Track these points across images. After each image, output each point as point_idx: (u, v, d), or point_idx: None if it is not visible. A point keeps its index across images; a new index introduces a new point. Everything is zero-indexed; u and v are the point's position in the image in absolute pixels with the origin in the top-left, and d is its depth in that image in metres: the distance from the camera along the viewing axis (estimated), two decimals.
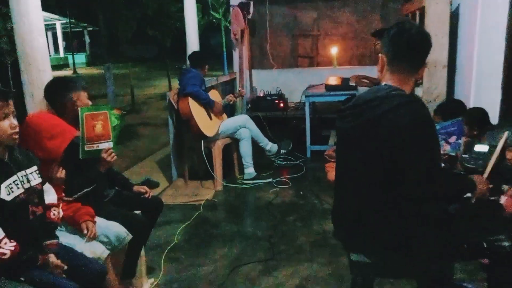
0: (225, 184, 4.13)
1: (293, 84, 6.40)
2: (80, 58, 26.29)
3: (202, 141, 4.02)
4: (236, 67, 6.42)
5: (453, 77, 4.41)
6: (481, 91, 3.62)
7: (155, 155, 5.62)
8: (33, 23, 2.17)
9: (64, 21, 23.23)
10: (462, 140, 3.16)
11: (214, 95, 4.31)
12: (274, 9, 6.67)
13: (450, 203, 1.93)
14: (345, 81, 5.10)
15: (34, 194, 1.72)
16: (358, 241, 1.71)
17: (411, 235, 1.59)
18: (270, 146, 4.32)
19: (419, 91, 4.57)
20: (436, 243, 1.61)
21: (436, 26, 4.19)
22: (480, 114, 3.17)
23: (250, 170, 4.17)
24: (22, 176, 1.68)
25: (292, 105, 6.08)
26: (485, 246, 1.66)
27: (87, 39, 27.18)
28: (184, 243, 3.03)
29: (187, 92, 3.92)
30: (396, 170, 1.54)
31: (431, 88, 4.35)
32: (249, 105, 6.08)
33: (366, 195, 1.64)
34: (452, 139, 3.28)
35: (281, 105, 5.81)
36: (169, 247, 2.93)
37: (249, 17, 6.14)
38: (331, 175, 4.01)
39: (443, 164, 3.12)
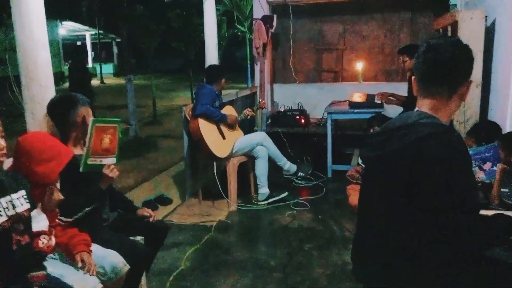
0: (239, 204, 3.94)
1: (315, 99, 6.19)
2: (108, 68, 26.85)
3: (215, 162, 3.86)
4: (257, 81, 6.27)
5: (487, 97, 4.11)
6: None
7: (172, 168, 5.49)
8: (36, 37, 2.06)
9: (94, 32, 23.81)
10: (498, 167, 2.87)
11: (229, 111, 4.12)
12: (298, 23, 6.51)
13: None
14: (370, 98, 4.86)
15: (19, 221, 1.57)
16: (380, 281, 1.48)
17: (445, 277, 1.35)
18: (289, 166, 4.10)
19: None
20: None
21: (469, 42, 3.90)
22: None
23: (263, 190, 3.97)
24: (6, 202, 1.53)
25: (314, 121, 5.86)
26: None
27: (115, 49, 27.78)
28: (192, 269, 2.83)
29: (196, 114, 3.79)
30: (422, 211, 1.32)
31: (463, 108, 4.06)
32: (269, 120, 5.89)
33: (389, 234, 1.42)
34: (487, 165, 2.99)
35: (303, 121, 5.60)
36: (174, 274, 2.74)
37: (272, 30, 5.99)
38: (353, 199, 3.76)
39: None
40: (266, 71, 6.13)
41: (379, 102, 4.61)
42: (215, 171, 3.84)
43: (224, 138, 3.91)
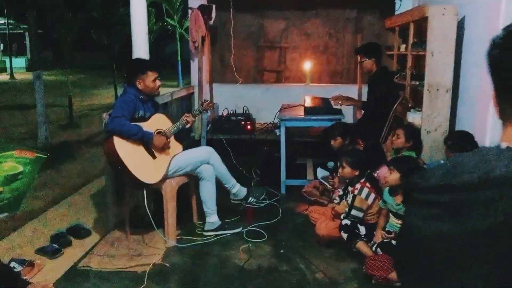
0: (179, 237, 3.14)
1: (260, 102, 5.56)
2: (20, 62, 24.23)
3: (144, 189, 3.01)
4: (194, 80, 5.47)
5: (455, 103, 3.74)
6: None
7: (93, 183, 4.52)
8: None
9: (2, 22, 21.24)
10: None
11: (159, 122, 3.16)
12: (239, 16, 5.80)
13: None
14: (325, 102, 4.31)
15: None
16: None
17: None
18: (238, 190, 3.35)
19: (416, 119, 3.86)
20: None
21: (440, 42, 3.50)
22: None
23: (213, 219, 3.21)
24: None
25: (260, 127, 5.21)
26: None
27: (28, 42, 25.11)
28: None
29: (108, 131, 2.88)
30: None
31: (432, 116, 3.64)
32: (210, 126, 5.13)
33: None
34: None
35: (249, 127, 4.91)
36: None
37: (211, 22, 5.23)
38: (321, 228, 3.14)
39: None
40: (204, 68, 5.35)
41: (338, 107, 4.07)
42: (145, 201, 2.97)
43: (154, 157, 3.01)
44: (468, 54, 3.57)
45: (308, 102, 4.28)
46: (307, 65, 5.70)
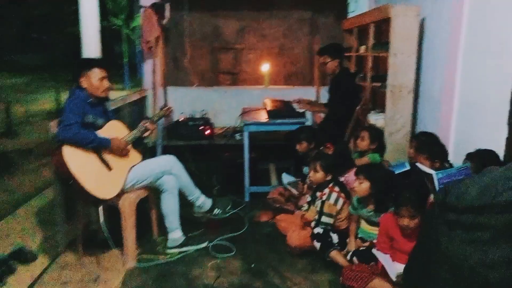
0: (140, 256, 2.87)
1: (218, 105, 5.38)
2: None
3: (100, 205, 2.71)
4: (148, 83, 5.17)
5: (416, 105, 3.75)
6: (472, 126, 2.93)
7: (38, 198, 4.10)
8: None
9: None
10: None
11: (115, 130, 2.88)
12: (193, 16, 5.58)
13: None
14: (287, 105, 4.20)
15: None
16: None
17: None
18: (202, 201, 3.12)
19: (379, 120, 3.83)
20: None
21: (403, 43, 3.49)
22: (493, 157, 2.44)
23: (176, 235, 2.96)
24: None
25: (220, 131, 5.01)
26: None
27: None
28: None
29: (59, 140, 2.55)
30: None
31: (395, 117, 3.63)
32: (165, 132, 4.86)
33: None
34: None
35: (208, 131, 4.69)
36: None
37: (164, 22, 4.96)
38: (293, 238, 3.01)
39: None
40: (157, 71, 5.06)
41: (302, 110, 3.96)
42: (101, 219, 2.68)
43: (109, 168, 2.72)
44: (429, 55, 3.60)
45: (270, 106, 4.14)
46: (266, 67, 5.58)
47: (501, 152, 2.48)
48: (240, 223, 3.41)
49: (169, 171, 2.91)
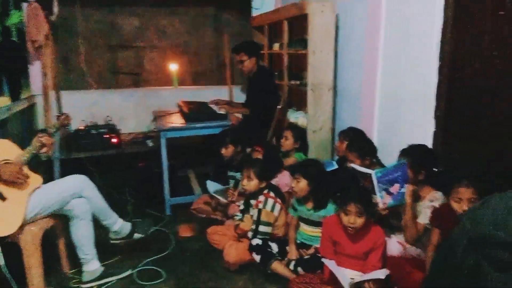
0: None
1: (122, 109, 4.87)
2: None
3: None
4: (36, 88, 4.45)
5: (334, 102, 3.76)
6: (395, 121, 2.98)
7: None
8: None
9: None
10: (407, 189, 2.41)
11: (3, 150, 2.36)
12: (86, 12, 4.97)
13: None
14: (204, 107, 3.93)
15: None
16: None
17: None
18: (120, 226, 2.69)
19: (299, 119, 3.77)
20: None
21: (321, 40, 3.45)
22: (426, 152, 2.48)
23: (93, 267, 2.51)
24: None
25: (127, 138, 4.52)
26: None
27: None
28: None
29: None
30: None
31: (316, 115, 3.60)
32: (63, 144, 4.23)
33: None
34: (395, 188, 2.47)
35: (115, 140, 4.19)
36: None
37: (53, 18, 4.30)
38: (231, 253, 2.76)
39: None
40: (48, 74, 4.38)
41: (222, 112, 3.72)
42: (2, 261, 2.13)
43: (3, 198, 2.20)
44: (345, 52, 3.61)
45: (186, 108, 3.83)
46: (173, 67, 5.21)
47: (428, 146, 2.54)
48: (166, 242, 3.06)
49: (79, 194, 2.44)
